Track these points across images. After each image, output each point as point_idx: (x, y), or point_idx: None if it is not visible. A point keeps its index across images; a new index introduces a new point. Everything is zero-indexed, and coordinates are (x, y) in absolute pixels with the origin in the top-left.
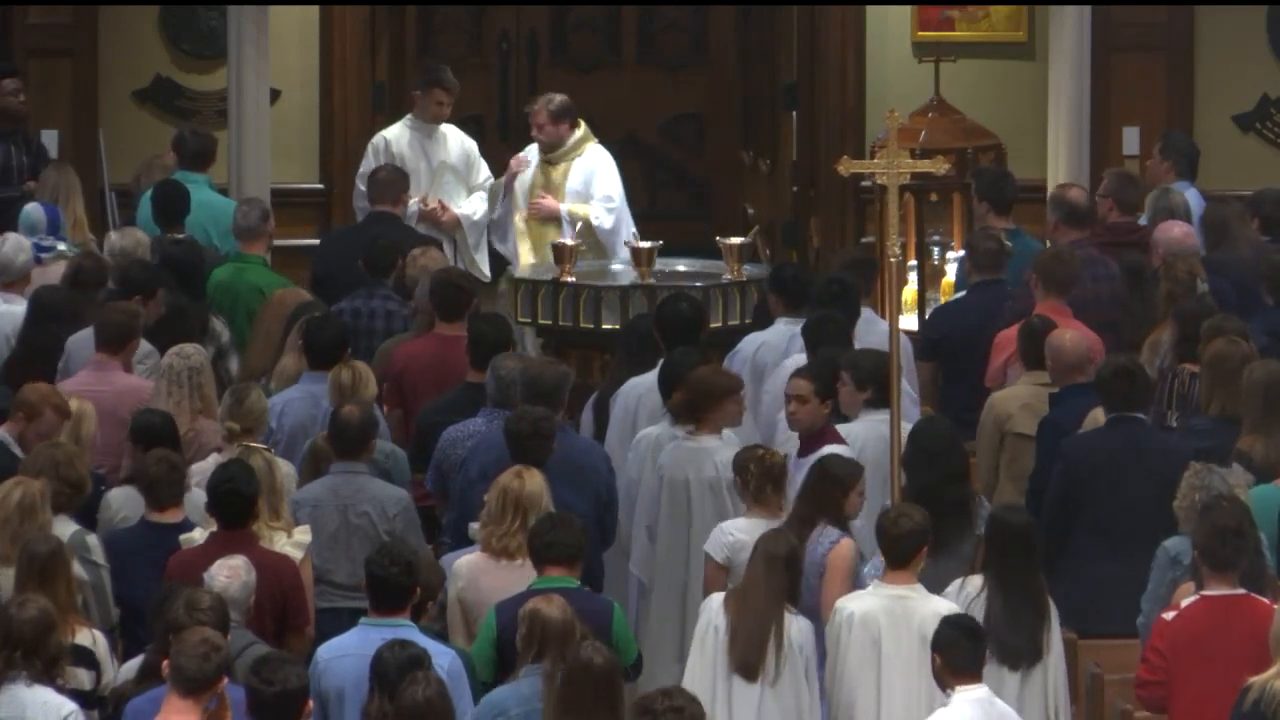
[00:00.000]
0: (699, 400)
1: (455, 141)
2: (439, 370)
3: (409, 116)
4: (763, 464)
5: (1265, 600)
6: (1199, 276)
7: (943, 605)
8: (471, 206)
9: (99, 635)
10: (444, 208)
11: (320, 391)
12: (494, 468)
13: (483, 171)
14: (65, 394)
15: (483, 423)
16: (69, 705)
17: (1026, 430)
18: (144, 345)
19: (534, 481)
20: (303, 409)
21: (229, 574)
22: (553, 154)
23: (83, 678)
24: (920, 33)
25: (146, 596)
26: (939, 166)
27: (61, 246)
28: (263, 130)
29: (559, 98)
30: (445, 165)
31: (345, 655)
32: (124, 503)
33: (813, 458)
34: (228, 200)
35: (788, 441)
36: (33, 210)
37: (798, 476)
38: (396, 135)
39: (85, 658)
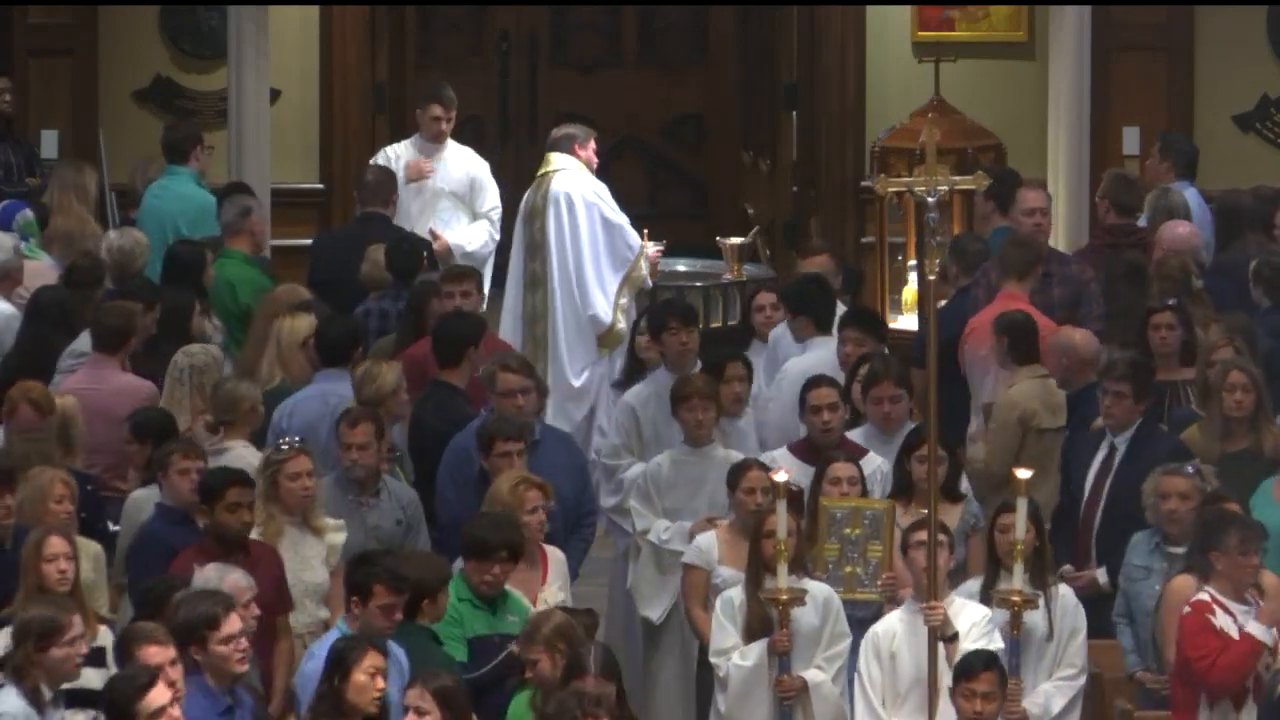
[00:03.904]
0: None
1: (459, 164)
2: None
3: (415, 136)
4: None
5: None
6: (1192, 273)
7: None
8: (468, 236)
9: (109, 633)
10: (435, 235)
11: (329, 390)
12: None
13: (490, 199)
14: (61, 393)
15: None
16: None
17: (1052, 424)
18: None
19: None
20: (311, 408)
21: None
22: None
23: (91, 677)
24: (920, 33)
25: None
26: (980, 183)
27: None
28: (263, 130)
29: None
30: (441, 191)
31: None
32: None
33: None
34: (206, 195)
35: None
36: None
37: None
38: (399, 153)
39: (97, 657)
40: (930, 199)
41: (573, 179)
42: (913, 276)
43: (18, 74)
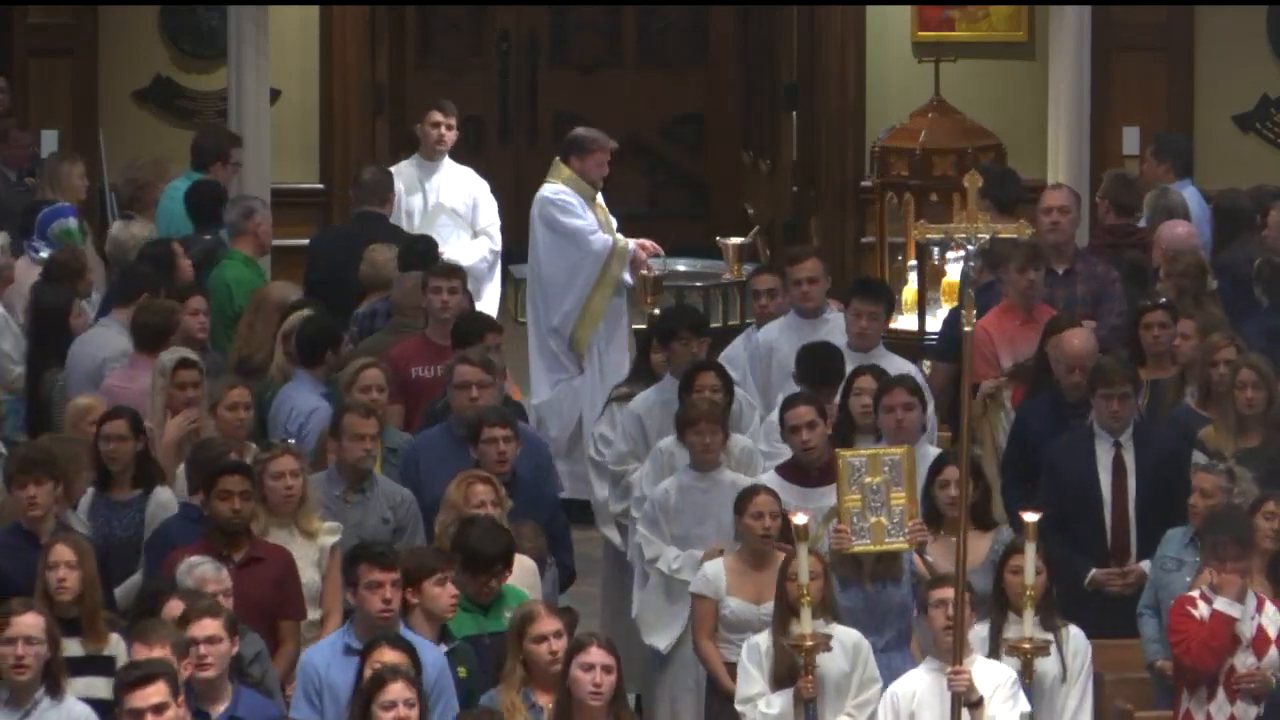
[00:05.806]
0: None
1: (459, 182)
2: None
3: (415, 155)
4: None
5: None
6: (1208, 272)
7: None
8: (463, 251)
9: (122, 642)
10: None
11: (294, 387)
12: None
13: (487, 215)
14: (102, 390)
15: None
16: None
17: None
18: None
19: None
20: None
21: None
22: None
23: (99, 687)
24: (920, 33)
25: None
26: (1022, 230)
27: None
28: (263, 130)
29: None
30: (441, 206)
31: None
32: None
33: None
34: None
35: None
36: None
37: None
38: (399, 172)
39: (106, 666)
40: (970, 246)
41: (542, 192)
42: (913, 276)
43: (18, 74)
